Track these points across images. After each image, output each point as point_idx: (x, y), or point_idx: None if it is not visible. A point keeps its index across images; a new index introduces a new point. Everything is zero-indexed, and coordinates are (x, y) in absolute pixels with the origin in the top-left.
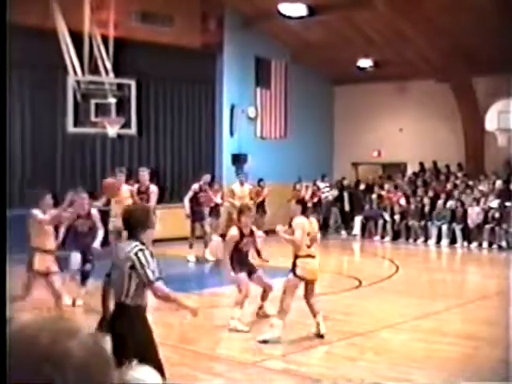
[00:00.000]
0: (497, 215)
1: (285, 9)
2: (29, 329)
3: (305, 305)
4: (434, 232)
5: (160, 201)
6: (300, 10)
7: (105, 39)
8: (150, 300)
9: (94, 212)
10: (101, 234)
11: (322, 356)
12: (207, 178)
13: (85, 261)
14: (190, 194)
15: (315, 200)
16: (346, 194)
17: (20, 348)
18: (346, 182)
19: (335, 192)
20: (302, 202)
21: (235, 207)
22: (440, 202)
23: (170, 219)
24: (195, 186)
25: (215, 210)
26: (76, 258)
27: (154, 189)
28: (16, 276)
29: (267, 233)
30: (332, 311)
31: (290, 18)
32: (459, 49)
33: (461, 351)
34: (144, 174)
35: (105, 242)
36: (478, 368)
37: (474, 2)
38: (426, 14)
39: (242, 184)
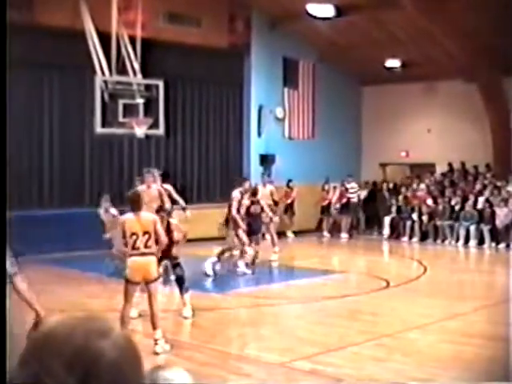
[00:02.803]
0: None
1: (313, 9)
2: (61, 328)
3: (329, 305)
4: (462, 233)
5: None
6: (328, 10)
7: (132, 40)
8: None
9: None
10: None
11: (350, 357)
12: (247, 184)
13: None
14: (235, 204)
15: (343, 201)
16: (375, 195)
17: (53, 347)
18: (373, 183)
19: (364, 192)
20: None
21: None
22: (468, 203)
23: (197, 220)
24: (236, 194)
25: None
26: None
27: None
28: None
29: (296, 233)
30: (360, 312)
31: (317, 18)
32: (487, 49)
33: (488, 353)
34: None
35: None
36: (504, 369)
37: (501, 1)
38: (454, 14)
39: (264, 185)
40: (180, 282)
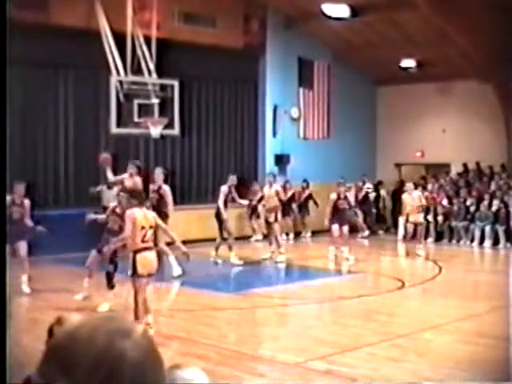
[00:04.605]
0: None
1: (328, 9)
2: (84, 329)
3: (344, 306)
4: (477, 233)
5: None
6: (343, 11)
7: (147, 40)
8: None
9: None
10: None
11: (365, 357)
12: (233, 179)
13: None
14: (222, 197)
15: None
16: (385, 195)
17: (75, 348)
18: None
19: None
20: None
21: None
22: (483, 203)
23: (211, 220)
24: (224, 188)
25: (255, 211)
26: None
27: (166, 188)
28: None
29: (313, 233)
30: (375, 312)
31: (332, 18)
32: (502, 49)
33: (502, 354)
34: (159, 173)
35: None
36: None
37: None
38: (469, 14)
39: (270, 185)
40: (109, 277)
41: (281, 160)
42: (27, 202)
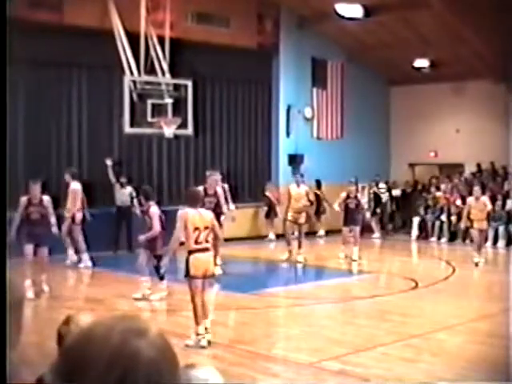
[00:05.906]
0: None
1: (341, 9)
2: (99, 328)
3: (357, 306)
4: (490, 233)
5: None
6: (356, 11)
7: (161, 40)
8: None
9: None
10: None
11: (379, 357)
12: (210, 174)
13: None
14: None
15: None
16: (398, 195)
17: (90, 347)
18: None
19: (386, 193)
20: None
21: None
22: (497, 204)
23: (226, 219)
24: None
25: (272, 210)
26: None
27: (220, 191)
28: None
29: (327, 233)
30: (389, 312)
31: (345, 18)
32: None
33: None
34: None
35: None
36: None
37: None
38: (482, 14)
39: (298, 185)
40: (158, 269)
41: (294, 160)
42: (47, 198)
